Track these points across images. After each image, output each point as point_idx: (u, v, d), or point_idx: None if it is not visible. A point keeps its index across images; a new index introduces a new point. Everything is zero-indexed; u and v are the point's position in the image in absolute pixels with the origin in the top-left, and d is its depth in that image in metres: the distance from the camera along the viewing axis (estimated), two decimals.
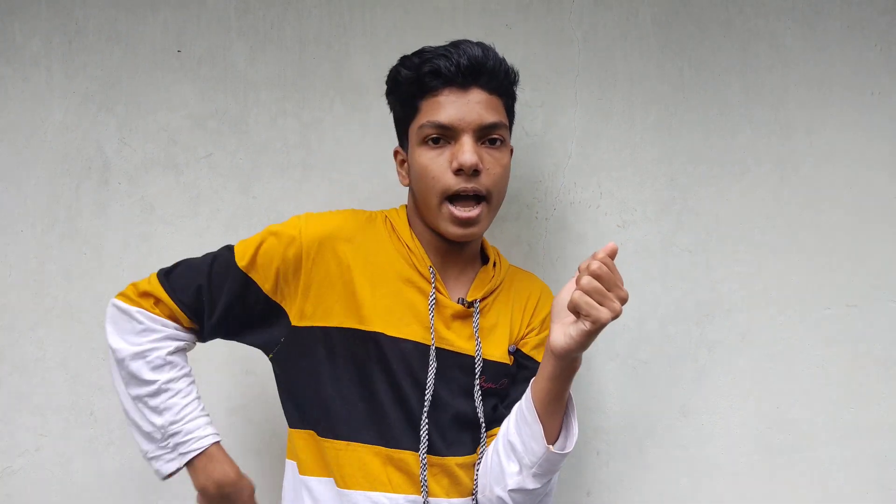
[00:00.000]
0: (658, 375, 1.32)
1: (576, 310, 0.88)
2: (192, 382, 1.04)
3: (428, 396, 0.99)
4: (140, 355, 1.00)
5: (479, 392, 1.02)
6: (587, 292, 0.86)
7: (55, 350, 1.31)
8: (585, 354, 1.32)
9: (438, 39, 1.26)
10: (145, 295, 1.03)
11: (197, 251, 1.31)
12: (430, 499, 0.99)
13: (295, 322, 1.02)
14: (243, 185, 1.32)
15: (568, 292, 0.91)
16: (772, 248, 1.33)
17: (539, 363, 1.06)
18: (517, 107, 1.32)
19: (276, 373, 1.07)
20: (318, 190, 1.32)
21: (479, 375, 1.02)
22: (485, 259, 1.12)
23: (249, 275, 1.02)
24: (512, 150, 1.10)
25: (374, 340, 1.00)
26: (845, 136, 1.33)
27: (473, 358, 1.02)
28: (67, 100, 1.32)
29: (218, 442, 1.03)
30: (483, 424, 1.02)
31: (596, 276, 0.86)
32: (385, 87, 1.08)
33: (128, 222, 1.32)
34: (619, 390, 1.32)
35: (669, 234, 1.33)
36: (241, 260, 1.02)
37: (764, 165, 1.33)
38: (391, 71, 1.05)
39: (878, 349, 1.32)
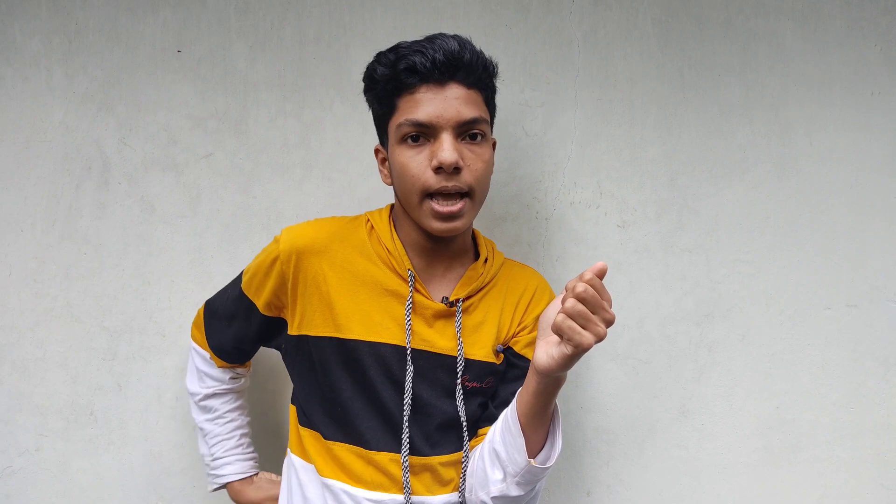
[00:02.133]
0: (658, 375, 1.32)
1: (559, 333, 0.85)
2: (228, 422, 1.19)
3: (407, 399, 0.99)
4: (191, 395, 1.20)
5: (461, 392, 1.02)
6: (571, 316, 0.83)
7: (55, 350, 1.31)
8: (586, 354, 1.32)
9: None
10: (195, 325, 1.20)
11: (197, 251, 1.32)
12: (412, 497, 0.99)
13: (290, 331, 1.06)
14: (243, 185, 1.32)
15: (554, 310, 0.90)
16: (772, 248, 1.33)
17: (530, 361, 1.07)
18: (517, 106, 1.33)
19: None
20: (318, 190, 1.32)
21: (462, 375, 1.02)
22: (478, 255, 1.11)
23: (248, 295, 1.09)
24: (495, 143, 1.09)
25: (351, 347, 1.00)
26: (845, 136, 1.33)
27: (455, 358, 1.02)
28: (67, 100, 1.32)
29: (232, 482, 1.18)
30: (465, 424, 1.02)
31: (581, 299, 0.83)
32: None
33: (128, 222, 1.32)
34: (619, 390, 1.32)
35: (669, 234, 1.33)
36: (245, 285, 1.10)
37: (764, 165, 1.33)
38: (367, 68, 1.03)
39: (878, 349, 1.32)
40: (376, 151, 1.09)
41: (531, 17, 1.34)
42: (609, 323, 0.85)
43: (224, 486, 1.19)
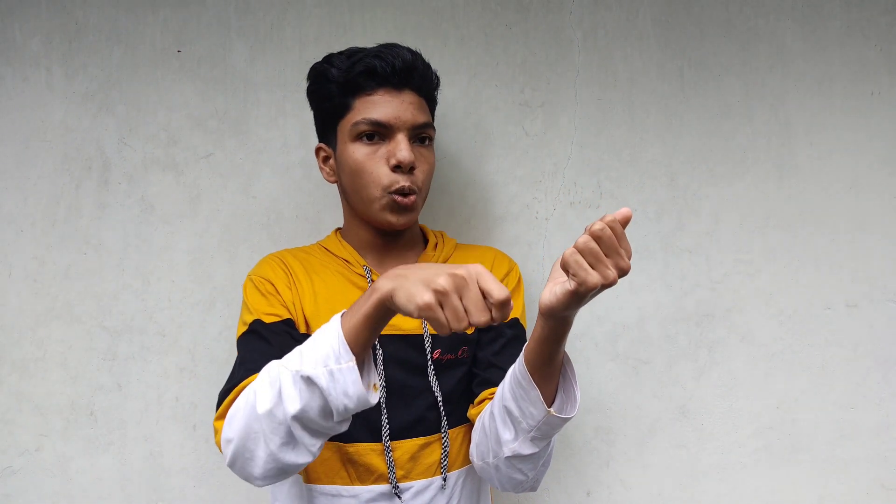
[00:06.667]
0: (658, 375, 1.32)
1: (566, 268, 0.82)
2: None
3: (381, 382, 1.01)
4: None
5: (433, 368, 1.04)
6: (581, 252, 0.80)
7: (55, 350, 1.31)
8: (586, 354, 1.32)
9: (438, 39, 1.27)
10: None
11: (197, 251, 1.31)
12: (398, 483, 1.01)
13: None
14: (243, 185, 1.32)
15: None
16: (772, 248, 1.33)
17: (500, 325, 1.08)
18: (517, 106, 1.33)
19: None
20: (318, 190, 1.32)
21: (432, 351, 1.04)
22: (427, 244, 1.15)
23: (278, 315, 1.02)
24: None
25: None
26: (845, 136, 1.33)
27: (422, 336, 1.04)
28: (67, 100, 1.32)
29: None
30: (440, 400, 1.03)
31: (595, 238, 0.80)
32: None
33: (128, 222, 1.32)
34: (619, 390, 1.32)
35: (669, 234, 1.33)
36: (257, 316, 1.01)
37: (764, 165, 1.33)
38: (317, 68, 1.07)
39: (878, 349, 1.32)
40: (318, 150, 1.11)
41: (531, 17, 1.34)
42: (623, 271, 0.81)
43: None
